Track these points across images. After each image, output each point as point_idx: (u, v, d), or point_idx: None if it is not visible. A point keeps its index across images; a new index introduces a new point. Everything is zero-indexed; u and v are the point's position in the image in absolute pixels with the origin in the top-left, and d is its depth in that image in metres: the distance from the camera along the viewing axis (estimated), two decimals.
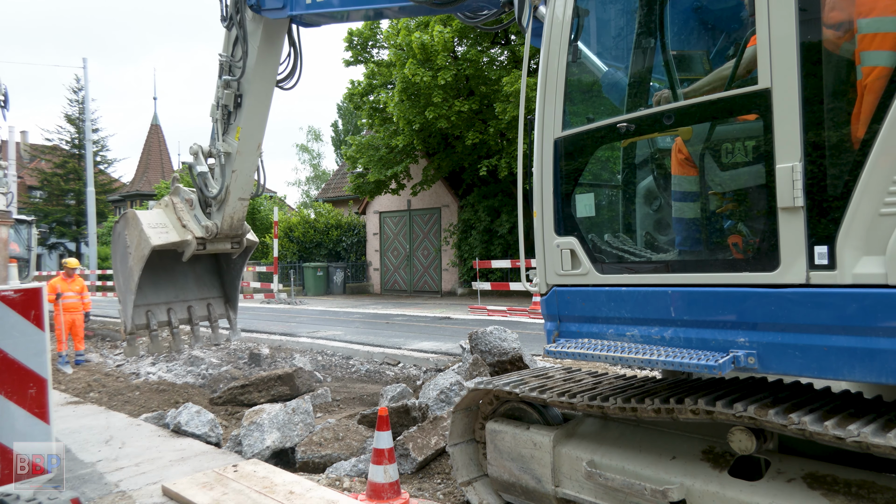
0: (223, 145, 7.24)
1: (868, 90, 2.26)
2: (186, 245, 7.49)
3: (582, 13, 3.18)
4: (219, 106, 7.22)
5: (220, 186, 7.31)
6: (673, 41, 3.14)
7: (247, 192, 7.51)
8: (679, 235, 2.99)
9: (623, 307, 2.94)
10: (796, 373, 2.43)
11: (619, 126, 2.97)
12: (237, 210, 7.46)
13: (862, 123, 2.27)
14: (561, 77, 3.19)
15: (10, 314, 2.78)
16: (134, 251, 7.38)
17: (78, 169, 40.30)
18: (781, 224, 2.41)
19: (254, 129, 7.16)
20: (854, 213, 2.25)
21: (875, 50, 2.25)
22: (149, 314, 7.83)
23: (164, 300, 8.08)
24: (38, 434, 2.83)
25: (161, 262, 7.84)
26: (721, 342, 2.59)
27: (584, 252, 3.11)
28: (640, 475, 2.94)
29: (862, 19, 2.29)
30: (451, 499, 4.09)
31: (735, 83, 2.67)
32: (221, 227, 7.44)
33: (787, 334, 2.42)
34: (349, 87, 20.76)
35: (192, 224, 7.54)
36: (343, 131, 47.11)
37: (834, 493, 2.43)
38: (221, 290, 8.70)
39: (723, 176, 2.84)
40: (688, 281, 2.75)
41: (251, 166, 7.35)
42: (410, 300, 21.53)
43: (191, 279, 8.43)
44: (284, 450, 5.08)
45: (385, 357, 9.67)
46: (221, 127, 7.26)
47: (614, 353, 2.82)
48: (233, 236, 7.72)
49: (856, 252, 2.26)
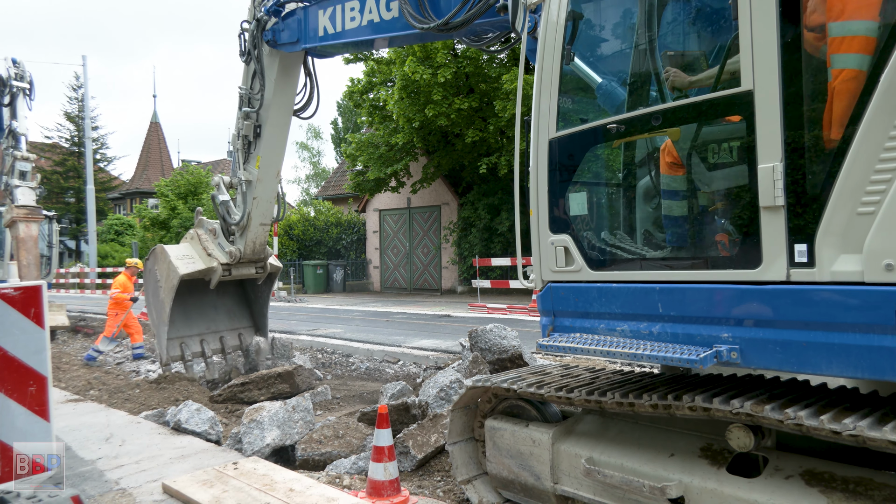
0: (244, 174, 7.51)
1: (837, 92, 2.33)
2: (212, 272, 7.68)
3: (576, 17, 3.26)
4: (239, 136, 7.48)
5: (242, 213, 7.55)
6: (664, 44, 3.22)
7: (268, 218, 7.75)
8: (666, 234, 3.07)
9: (614, 303, 3.03)
10: (777, 367, 2.50)
11: (610, 127, 3.06)
12: (259, 235, 7.69)
13: (835, 125, 2.33)
14: (555, 79, 3.28)
15: (10, 312, 2.78)
16: (164, 283, 7.63)
17: (77, 167, 40.25)
18: (763, 223, 2.48)
19: (273, 157, 7.44)
20: (832, 212, 2.32)
21: (843, 53, 2.32)
22: (182, 346, 8.07)
23: (197, 332, 8.34)
24: (39, 432, 2.84)
25: (191, 296, 8.10)
26: (706, 337, 2.66)
27: (577, 249, 3.20)
28: (639, 472, 2.95)
29: (832, 23, 2.35)
30: (451, 496, 4.10)
31: (720, 85, 2.74)
32: (245, 251, 7.67)
33: (768, 330, 2.49)
34: (349, 85, 20.74)
35: (216, 252, 7.79)
36: (343, 129, 47.09)
37: (832, 490, 2.44)
38: (251, 320, 8.98)
39: (709, 176, 2.91)
40: (674, 278, 2.83)
41: (271, 193, 7.61)
42: (410, 298, 21.54)
43: (221, 312, 8.70)
44: (284, 447, 5.09)
45: (385, 355, 9.68)
46: (242, 156, 7.53)
47: (603, 348, 2.91)
48: (256, 261, 7.94)
49: (834, 250, 2.32)
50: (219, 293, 8.51)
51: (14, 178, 12.58)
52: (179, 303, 7.76)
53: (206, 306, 8.53)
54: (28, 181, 12.70)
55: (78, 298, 23.81)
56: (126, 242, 38.04)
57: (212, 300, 8.56)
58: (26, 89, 12.74)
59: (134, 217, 43.52)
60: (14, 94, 12.63)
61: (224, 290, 8.59)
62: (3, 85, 12.70)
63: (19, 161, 12.62)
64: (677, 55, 3.17)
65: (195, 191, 34.58)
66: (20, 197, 12.62)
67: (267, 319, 8.89)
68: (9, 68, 12.63)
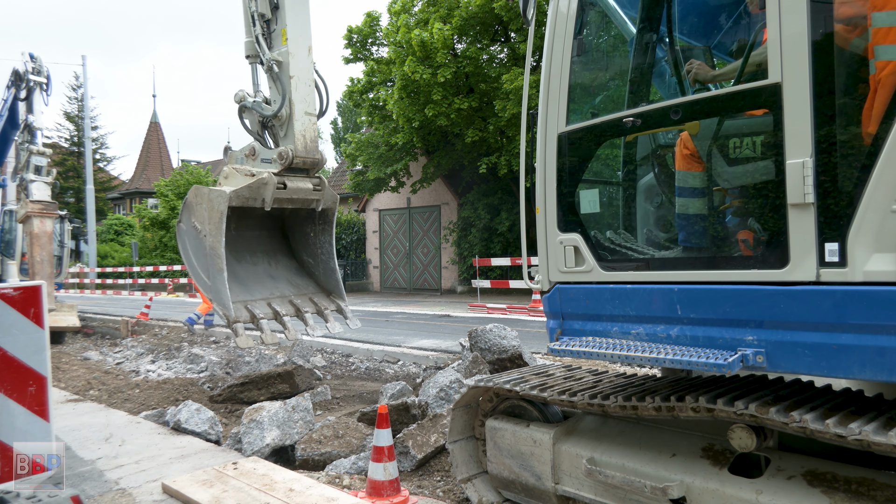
0: (273, 55, 6.38)
1: (882, 85, 2.23)
2: (264, 186, 6.10)
3: (587, 7, 3.15)
4: (255, 22, 6.47)
5: (282, 100, 6.30)
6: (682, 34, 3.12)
7: (311, 105, 6.51)
8: (685, 232, 2.96)
9: (628, 305, 2.91)
10: (806, 371, 2.41)
11: (626, 121, 2.93)
12: (307, 127, 6.42)
13: (874, 119, 2.24)
14: (565, 72, 3.16)
15: (9, 312, 2.78)
16: (209, 222, 6.08)
17: (77, 167, 40.28)
18: (791, 221, 2.38)
19: (300, 26, 6.44)
20: (865, 209, 2.22)
21: (890, 44, 2.22)
22: (249, 307, 6.48)
23: (260, 297, 6.75)
24: (38, 432, 2.83)
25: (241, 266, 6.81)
26: (729, 340, 2.56)
27: (587, 249, 3.09)
28: (640, 472, 2.94)
29: (876, 13, 2.26)
30: (451, 496, 4.09)
31: (744, 77, 2.64)
32: (296, 149, 6.25)
33: (796, 332, 2.40)
34: (349, 85, 20.72)
35: (262, 167, 6.33)
36: (342, 129, 47.06)
37: (834, 491, 2.43)
38: (317, 286, 7.32)
39: (730, 171, 2.81)
40: (694, 278, 2.71)
41: (308, 71, 6.49)
42: (410, 298, 21.53)
43: (282, 281, 7.15)
44: (284, 447, 5.08)
45: (385, 355, 9.67)
46: (265, 42, 6.46)
47: (620, 352, 2.79)
48: (310, 165, 6.50)
49: (867, 249, 2.23)
50: (271, 262, 7.12)
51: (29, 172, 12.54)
52: (230, 270, 6.30)
53: (262, 275, 7.02)
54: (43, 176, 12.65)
55: (77, 298, 23.80)
56: (125, 242, 38.04)
57: (265, 269, 7.08)
58: (43, 84, 12.71)
59: (133, 217, 43.52)
60: (31, 89, 12.62)
61: (276, 261, 7.19)
62: (19, 80, 12.70)
63: (35, 156, 12.58)
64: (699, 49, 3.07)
65: None
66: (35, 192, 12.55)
67: (338, 275, 7.21)
68: (26, 63, 12.61)
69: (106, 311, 17.30)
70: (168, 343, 11.58)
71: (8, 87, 12.98)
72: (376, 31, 20.45)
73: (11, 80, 12.71)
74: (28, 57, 12.52)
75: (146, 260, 33.18)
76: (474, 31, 17.60)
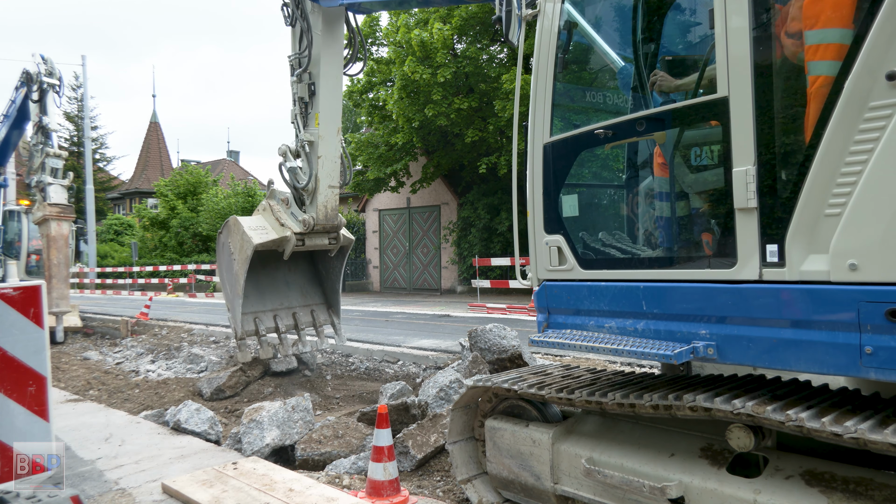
0: (306, 135, 7.47)
1: (813, 98, 2.40)
2: (286, 242, 7.46)
3: (570, 26, 3.38)
4: (295, 102, 7.50)
5: (309, 175, 7.47)
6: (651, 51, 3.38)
7: (335, 179, 7.62)
8: (650, 234, 3.22)
9: (602, 301, 3.15)
10: (751, 363, 2.60)
11: (598, 132, 3.18)
12: (329, 199, 7.55)
13: (808, 129, 2.41)
14: (549, 86, 3.41)
15: (9, 312, 2.78)
16: (238, 255, 7.44)
17: (77, 167, 40.26)
18: (738, 224, 2.58)
19: (331, 112, 7.46)
20: (801, 213, 2.40)
21: (819, 60, 2.40)
22: (256, 321, 7.91)
23: (270, 307, 8.17)
24: (38, 432, 2.84)
25: (264, 270, 8.02)
26: (686, 334, 2.77)
27: (569, 249, 3.34)
28: (639, 472, 2.95)
29: (808, 31, 2.43)
30: (451, 496, 4.10)
31: (700, 91, 2.87)
32: (318, 218, 7.46)
33: (742, 327, 2.59)
34: (348, 85, 20.72)
35: (289, 222, 7.60)
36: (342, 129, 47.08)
37: (832, 490, 2.44)
38: (323, 297, 8.79)
39: (691, 178, 3.02)
40: (657, 277, 2.95)
41: (335, 151, 7.54)
42: (410, 298, 21.54)
43: (294, 288, 8.52)
44: (284, 447, 5.09)
45: (384, 355, 9.67)
46: (301, 121, 7.53)
47: (588, 343, 3.03)
48: (329, 229, 7.73)
49: (803, 250, 2.41)
50: (290, 268, 8.36)
51: (46, 175, 12.48)
52: (252, 277, 7.57)
53: (279, 282, 8.34)
54: (60, 178, 12.60)
55: (77, 298, 23.78)
56: (125, 242, 38.05)
57: (283, 275, 8.39)
58: (56, 85, 12.64)
59: (133, 217, 43.53)
60: (44, 91, 12.55)
61: (295, 266, 8.45)
62: (31, 81, 12.63)
63: (51, 158, 12.51)
64: (663, 61, 3.31)
65: (194, 191, 34.57)
66: (52, 195, 12.50)
67: (339, 296, 8.69)
68: (38, 64, 12.54)
69: (106, 311, 17.31)
70: (168, 343, 11.58)
71: (17, 87, 12.89)
72: (376, 31, 20.46)
73: (22, 80, 12.62)
74: (40, 58, 12.43)
75: (146, 260, 33.19)
76: (474, 31, 17.62)
